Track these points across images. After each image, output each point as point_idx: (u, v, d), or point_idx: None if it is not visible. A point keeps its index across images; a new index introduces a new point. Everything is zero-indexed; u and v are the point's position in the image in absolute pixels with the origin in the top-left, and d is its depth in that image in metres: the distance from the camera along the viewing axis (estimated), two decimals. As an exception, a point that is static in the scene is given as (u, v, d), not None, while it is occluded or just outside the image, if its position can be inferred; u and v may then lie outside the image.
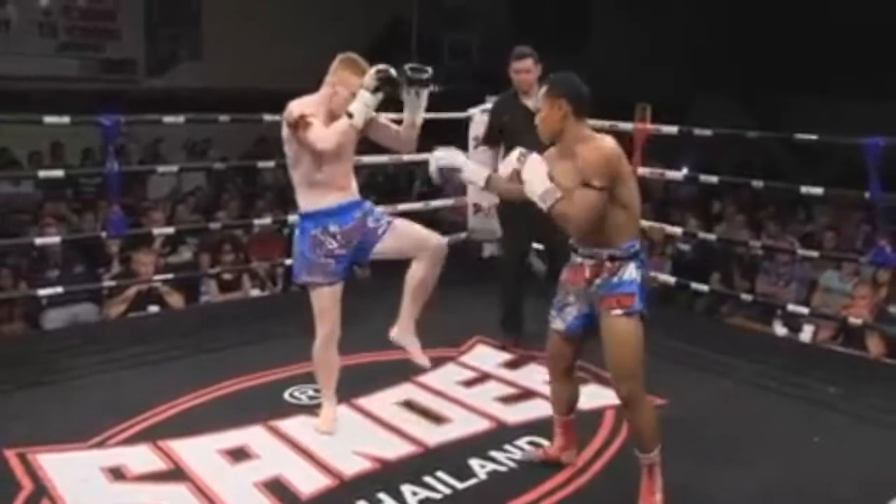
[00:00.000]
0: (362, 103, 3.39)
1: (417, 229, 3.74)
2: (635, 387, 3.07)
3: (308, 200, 3.60)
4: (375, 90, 3.37)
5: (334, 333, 3.75)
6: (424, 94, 3.52)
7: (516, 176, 3.07)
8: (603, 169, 2.93)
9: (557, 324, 3.24)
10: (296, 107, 3.48)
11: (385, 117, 3.71)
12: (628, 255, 3.02)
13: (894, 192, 4.79)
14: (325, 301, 3.69)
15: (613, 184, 2.93)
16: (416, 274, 3.71)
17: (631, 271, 3.01)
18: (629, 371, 3.06)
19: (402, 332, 3.88)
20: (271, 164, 5.70)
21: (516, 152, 3.10)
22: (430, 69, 3.48)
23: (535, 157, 3.06)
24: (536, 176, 3.01)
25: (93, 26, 11.41)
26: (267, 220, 6.50)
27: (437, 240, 3.72)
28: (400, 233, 3.68)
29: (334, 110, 3.48)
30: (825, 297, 6.49)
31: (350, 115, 3.40)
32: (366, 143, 3.83)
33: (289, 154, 3.58)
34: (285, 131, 3.53)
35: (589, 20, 15.27)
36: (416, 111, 3.56)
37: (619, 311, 3.01)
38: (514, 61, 4.83)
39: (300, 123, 3.43)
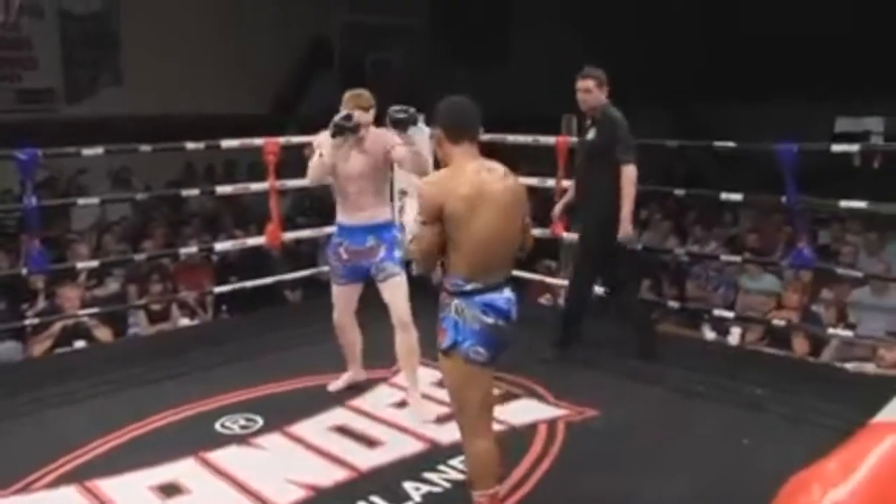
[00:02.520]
0: (328, 145, 3.98)
1: (397, 299, 4.12)
2: (459, 420, 3.00)
3: (337, 213, 4.20)
4: (333, 135, 3.92)
5: (340, 321, 4.30)
6: (409, 130, 3.86)
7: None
8: (419, 201, 2.92)
9: None
10: (318, 138, 4.12)
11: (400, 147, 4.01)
12: (452, 292, 2.90)
13: (811, 195, 4.94)
14: (334, 294, 4.29)
15: (435, 219, 2.84)
16: (397, 347, 4.16)
17: (451, 308, 2.89)
18: (453, 404, 3.03)
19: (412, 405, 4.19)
20: (195, 192, 5.61)
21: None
22: (410, 109, 3.77)
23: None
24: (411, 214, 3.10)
25: (6, 56, 11.09)
26: (193, 249, 6.40)
27: (400, 312, 4.11)
28: (387, 293, 4.14)
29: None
30: (744, 298, 6.63)
31: (320, 155, 4.01)
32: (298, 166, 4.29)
33: None
34: None
35: (509, 35, 15.47)
36: (409, 145, 3.92)
37: (438, 344, 2.97)
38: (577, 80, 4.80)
39: (308, 154, 4.13)
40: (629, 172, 4.62)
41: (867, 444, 2.00)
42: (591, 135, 4.80)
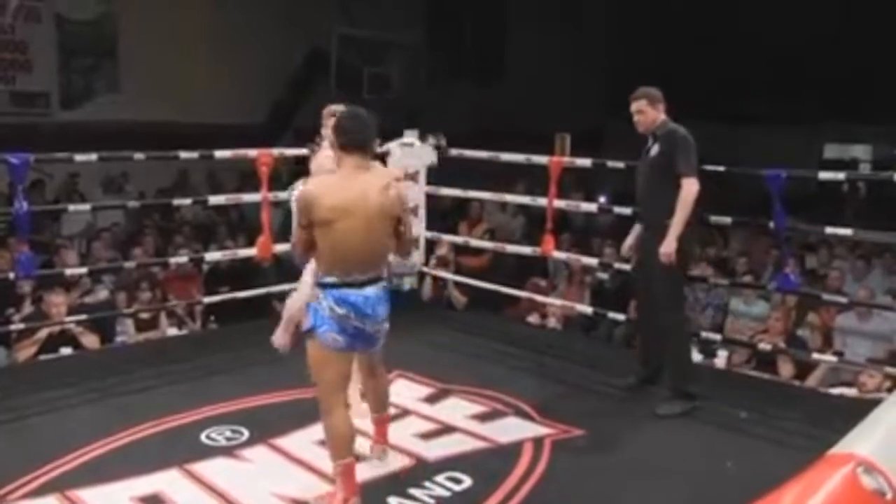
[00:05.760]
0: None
1: None
2: (319, 396, 3.35)
3: None
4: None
5: None
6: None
7: None
8: (296, 206, 3.26)
9: None
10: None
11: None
12: (317, 283, 3.28)
13: (800, 218, 4.96)
14: None
15: (308, 223, 3.19)
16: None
17: (316, 297, 3.27)
18: (313, 380, 3.36)
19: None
20: (188, 201, 5.60)
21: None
22: None
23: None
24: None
25: (1, 58, 11.08)
26: (183, 259, 6.38)
27: None
28: None
29: None
30: (735, 322, 6.65)
31: None
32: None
33: None
34: None
35: (504, 50, 15.59)
36: None
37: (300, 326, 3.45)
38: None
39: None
40: (689, 185, 4.36)
41: (821, 475, 2.04)
42: (653, 151, 4.55)
